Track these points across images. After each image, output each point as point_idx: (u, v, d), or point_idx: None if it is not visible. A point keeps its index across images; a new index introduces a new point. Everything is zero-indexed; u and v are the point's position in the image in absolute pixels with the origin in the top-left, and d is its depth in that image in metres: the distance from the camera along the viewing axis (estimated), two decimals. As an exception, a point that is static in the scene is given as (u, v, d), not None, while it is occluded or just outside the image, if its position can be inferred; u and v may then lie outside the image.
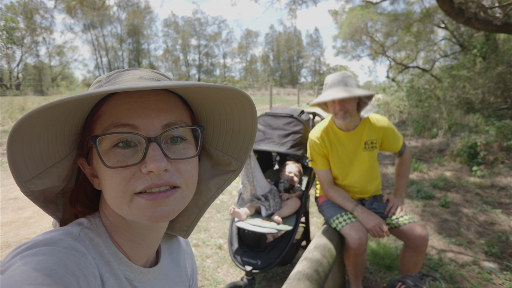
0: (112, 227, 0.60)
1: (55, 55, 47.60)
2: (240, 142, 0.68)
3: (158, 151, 0.51)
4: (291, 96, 30.74)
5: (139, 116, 0.52)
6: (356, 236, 1.87)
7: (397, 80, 15.79)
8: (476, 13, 5.24)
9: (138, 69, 0.60)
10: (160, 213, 0.53)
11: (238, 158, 0.71)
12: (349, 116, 1.98)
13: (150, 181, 0.51)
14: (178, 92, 0.59)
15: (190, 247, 0.86)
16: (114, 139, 0.52)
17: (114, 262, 0.57)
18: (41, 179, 0.53)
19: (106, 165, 0.51)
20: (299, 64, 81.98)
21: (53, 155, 0.53)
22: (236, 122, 0.64)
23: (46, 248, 0.46)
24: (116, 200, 0.53)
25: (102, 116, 0.54)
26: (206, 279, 2.45)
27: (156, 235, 0.64)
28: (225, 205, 4.03)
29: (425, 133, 8.33)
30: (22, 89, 29.56)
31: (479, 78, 9.78)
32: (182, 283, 0.76)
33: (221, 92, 0.54)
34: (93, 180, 0.60)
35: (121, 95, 0.54)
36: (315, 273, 1.48)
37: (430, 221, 3.48)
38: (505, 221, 3.41)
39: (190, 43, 73.21)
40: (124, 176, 0.51)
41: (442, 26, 15.08)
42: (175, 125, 0.55)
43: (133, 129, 0.52)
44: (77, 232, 0.54)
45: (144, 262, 0.64)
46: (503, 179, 4.71)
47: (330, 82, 2.01)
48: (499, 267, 2.58)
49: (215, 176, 0.72)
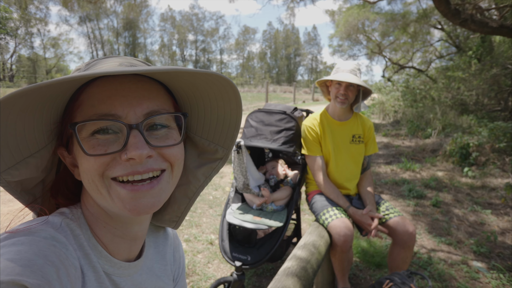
0: (93, 219, 0.58)
1: (50, 47, 47.00)
2: (225, 130, 0.68)
3: (140, 138, 0.50)
4: (287, 94, 30.73)
5: (121, 105, 0.51)
6: (342, 232, 1.88)
7: (393, 80, 15.83)
8: (472, 14, 5.26)
9: (118, 57, 0.59)
10: (143, 205, 0.52)
11: (224, 145, 0.70)
12: (347, 103, 2.10)
13: (130, 168, 0.51)
14: (160, 79, 0.58)
15: (178, 239, 0.84)
16: (94, 126, 0.51)
17: (93, 255, 0.55)
18: (18, 169, 0.52)
19: (86, 152, 0.50)
20: (296, 62, 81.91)
21: (31, 144, 0.52)
22: (220, 109, 0.64)
23: (25, 238, 0.45)
24: (93, 185, 0.52)
25: (83, 104, 0.52)
26: (197, 274, 2.45)
27: (140, 228, 0.63)
28: (217, 201, 4.02)
29: (419, 133, 8.39)
30: (15, 81, 29.16)
31: (473, 80, 9.84)
32: (167, 277, 0.75)
33: (203, 78, 0.53)
34: (73, 170, 0.58)
35: (101, 82, 0.52)
36: (303, 270, 1.48)
37: (421, 221, 3.51)
38: (494, 222, 3.45)
39: (187, 38, 72.77)
40: (103, 162, 0.50)
41: (439, 27, 15.14)
42: (157, 112, 0.54)
43: (114, 118, 0.51)
44: (59, 222, 0.53)
45: (126, 256, 0.63)
46: (494, 180, 4.76)
47: (343, 67, 2.11)
48: (487, 266, 2.61)
49: (202, 165, 0.72)
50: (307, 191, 2.36)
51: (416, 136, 8.38)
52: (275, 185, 2.34)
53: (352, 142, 2.22)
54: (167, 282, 0.74)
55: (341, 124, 2.22)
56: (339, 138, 2.20)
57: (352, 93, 2.09)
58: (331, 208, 2.06)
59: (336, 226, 1.92)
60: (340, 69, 2.12)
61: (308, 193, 2.33)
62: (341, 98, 2.08)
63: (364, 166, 2.28)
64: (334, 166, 2.22)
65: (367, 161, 2.29)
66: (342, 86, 2.07)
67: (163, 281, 0.73)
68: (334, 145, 2.20)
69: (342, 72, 2.09)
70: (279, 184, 2.33)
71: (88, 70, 0.54)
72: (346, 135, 2.21)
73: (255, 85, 46.18)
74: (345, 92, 2.06)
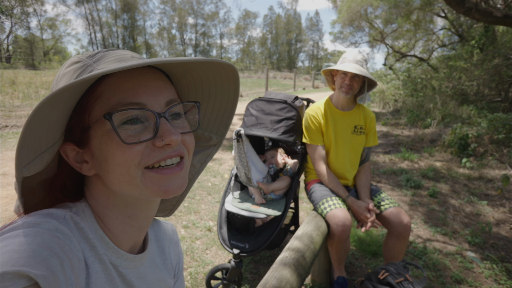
0: (105, 211, 0.59)
1: (47, 28, 46.25)
2: (219, 118, 0.71)
3: (170, 125, 0.54)
4: (287, 80, 30.51)
5: (145, 94, 0.54)
6: (340, 222, 1.90)
7: (394, 68, 15.71)
8: (477, 3, 5.17)
9: (121, 50, 0.60)
10: (175, 186, 0.55)
11: (218, 132, 0.74)
12: (351, 93, 2.10)
13: (164, 153, 0.54)
14: (165, 70, 0.61)
15: (176, 235, 0.85)
16: (123, 116, 0.52)
17: (100, 247, 0.56)
18: (35, 164, 0.51)
19: (124, 141, 0.51)
20: (297, 48, 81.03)
21: (49, 139, 0.51)
22: (218, 99, 0.67)
23: (29, 230, 0.45)
24: (127, 176, 0.53)
25: (102, 95, 0.53)
26: (195, 260, 2.48)
27: (150, 216, 0.65)
28: (216, 187, 4.04)
29: (419, 123, 8.38)
30: (12, 63, 28.79)
31: (475, 70, 9.79)
32: (167, 271, 0.76)
33: (215, 67, 0.57)
34: (79, 167, 0.57)
35: (121, 73, 0.54)
36: (300, 260, 1.50)
37: (417, 210, 3.54)
38: (490, 213, 3.49)
39: (187, 22, 71.63)
40: (139, 150, 0.52)
41: (442, 15, 14.92)
42: (174, 102, 0.57)
43: (141, 107, 0.53)
44: (62, 215, 0.54)
45: (131, 247, 0.64)
46: (491, 171, 4.79)
47: (350, 57, 2.11)
48: (481, 256, 2.65)
49: (197, 152, 0.75)
50: (306, 180, 2.37)
51: (415, 125, 8.38)
52: (274, 174, 2.35)
53: (353, 132, 2.22)
54: (167, 275, 0.76)
55: (344, 114, 2.21)
56: (341, 128, 2.20)
57: (357, 84, 2.09)
58: (330, 197, 2.07)
59: (334, 216, 1.93)
60: (347, 59, 2.11)
61: (307, 182, 2.34)
62: (346, 88, 2.08)
63: (362, 157, 2.29)
64: (335, 156, 2.22)
65: (366, 152, 2.29)
66: (347, 76, 2.07)
67: (164, 274, 0.74)
68: (336, 135, 2.20)
69: (348, 63, 2.08)
70: (279, 174, 2.34)
71: (98, 63, 0.54)
72: (348, 125, 2.21)
73: (255, 70, 45.76)
74: (350, 83, 2.06)
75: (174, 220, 3.11)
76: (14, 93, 10.37)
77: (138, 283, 0.64)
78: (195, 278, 2.28)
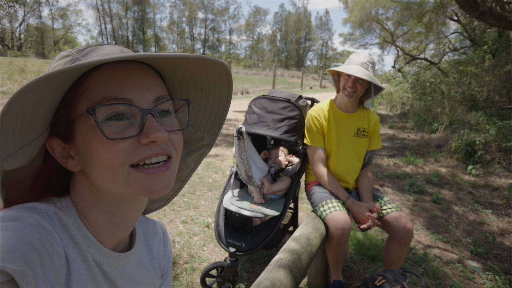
0: (88, 207, 0.58)
1: (58, 17, 46.59)
2: (212, 117, 0.70)
3: (156, 122, 0.52)
4: (295, 79, 30.37)
5: (132, 90, 0.52)
6: (339, 226, 1.86)
7: (403, 70, 15.54)
8: (491, 7, 5.06)
9: (111, 45, 0.59)
10: (160, 186, 0.54)
11: (211, 132, 0.73)
12: (354, 96, 2.06)
13: (149, 150, 0.52)
14: (162, 67, 0.59)
15: (166, 235, 0.84)
16: (108, 112, 0.50)
17: (83, 244, 0.55)
18: (15, 157, 0.49)
19: (107, 137, 0.49)
20: (306, 47, 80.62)
21: (31, 132, 0.49)
22: (210, 98, 0.66)
23: (10, 224, 0.44)
24: (111, 174, 0.52)
25: (88, 90, 0.51)
26: (191, 256, 2.46)
27: (136, 214, 0.63)
28: (217, 184, 4.02)
29: (426, 127, 8.28)
30: (23, 51, 29.07)
31: (486, 76, 9.62)
32: (154, 270, 0.75)
33: (203, 64, 0.55)
34: (65, 162, 0.56)
35: (108, 67, 0.52)
36: (295, 262, 1.47)
37: (419, 216, 3.49)
38: (494, 222, 3.42)
39: (197, 16, 71.65)
40: (123, 148, 0.51)
41: (455, 19, 14.71)
42: (163, 99, 0.56)
43: (127, 102, 0.51)
44: (46, 209, 0.52)
45: (115, 245, 0.63)
46: (498, 179, 4.71)
47: (356, 59, 2.07)
48: (483, 267, 2.60)
49: (191, 152, 0.75)
50: (306, 181, 2.34)
51: (422, 130, 8.27)
52: (275, 173, 2.32)
53: (356, 135, 2.18)
54: (154, 275, 0.74)
55: (347, 116, 2.17)
56: (343, 130, 2.16)
57: (362, 87, 2.03)
58: (330, 200, 2.03)
59: (334, 219, 1.90)
60: (352, 60, 2.06)
61: (308, 183, 2.31)
62: (349, 90, 2.03)
63: (365, 161, 2.24)
64: (336, 158, 2.18)
65: (369, 156, 2.25)
66: (350, 79, 2.02)
67: (150, 274, 0.73)
68: (338, 137, 2.16)
69: (353, 64, 2.03)
70: (279, 174, 2.30)
71: (87, 56, 0.53)
72: (351, 127, 2.17)
73: (263, 68, 45.68)
74: (353, 85, 2.02)
75: (173, 215, 3.10)
76: (23, 81, 10.46)
77: (122, 281, 0.62)
78: (191, 274, 2.26)
